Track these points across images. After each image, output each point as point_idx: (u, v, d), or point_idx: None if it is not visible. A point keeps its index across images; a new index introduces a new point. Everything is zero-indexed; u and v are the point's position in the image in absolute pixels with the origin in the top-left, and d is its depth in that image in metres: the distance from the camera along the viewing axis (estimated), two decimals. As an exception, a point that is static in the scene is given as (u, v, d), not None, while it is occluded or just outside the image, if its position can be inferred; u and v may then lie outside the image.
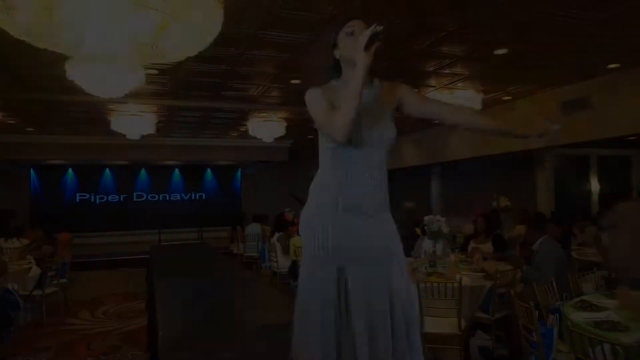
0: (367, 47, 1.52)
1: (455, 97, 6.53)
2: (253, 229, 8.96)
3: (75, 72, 3.05)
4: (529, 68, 5.48)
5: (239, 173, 15.26)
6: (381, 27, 1.51)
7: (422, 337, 3.49)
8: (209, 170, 14.78)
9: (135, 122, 7.72)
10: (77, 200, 13.63)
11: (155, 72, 5.30)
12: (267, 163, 12.89)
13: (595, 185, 10.11)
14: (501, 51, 4.81)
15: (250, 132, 8.95)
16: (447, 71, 5.54)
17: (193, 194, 14.65)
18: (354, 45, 1.54)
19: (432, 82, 6.02)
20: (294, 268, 6.27)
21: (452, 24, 4.08)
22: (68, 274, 6.45)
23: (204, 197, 14.75)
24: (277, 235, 7.29)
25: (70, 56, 3.05)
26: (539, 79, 5.97)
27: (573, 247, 5.78)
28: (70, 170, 13.50)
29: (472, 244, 5.48)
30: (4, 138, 9.31)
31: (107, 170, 13.79)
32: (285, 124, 8.65)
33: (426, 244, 5.07)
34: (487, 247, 5.24)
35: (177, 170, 14.43)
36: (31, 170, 13.15)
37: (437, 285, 3.50)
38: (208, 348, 2.29)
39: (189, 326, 2.69)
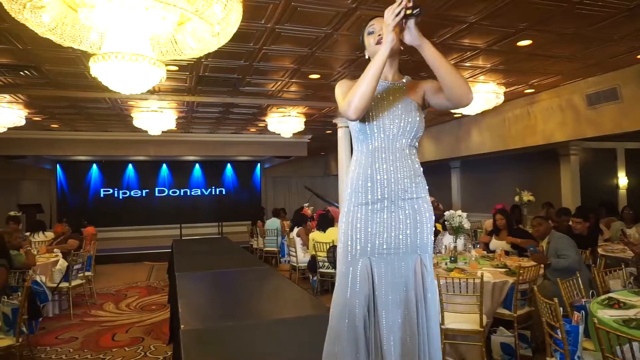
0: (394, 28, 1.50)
1: (475, 90, 6.43)
2: (272, 223, 9.02)
3: (98, 69, 3.10)
4: (553, 59, 5.33)
5: (258, 168, 15.38)
6: (417, 10, 1.46)
7: (442, 332, 3.49)
8: (228, 165, 14.94)
9: (156, 118, 7.83)
10: (102, 195, 13.96)
11: (175, 68, 5.37)
12: (286, 158, 12.93)
13: (622, 179, 9.84)
14: (524, 43, 4.69)
15: (269, 127, 8.98)
16: (467, 64, 5.44)
17: (213, 189, 14.84)
18: (385, 20, 1.52)
19: (453, 75, 5.92)
20: (313, 262, 6.29)
21: (474, 15, 4.00)
22: (93, 267, 6.61)
23: (224, 192, 14.93)
24: (296, 229, 7.32)
25: (93, 54, 3.10)
26: (564, 70, 5.81)
27: (600, 244, 5.63)
28: (94, 166, 13.83)
29: (493, 240, 5.39)
30: (31, 134, 9.56)
31: (130, 166, 14.07)
32: (304, 119, 8.65)
33: (447, 239, 5.02)
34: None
35: (197, 166, 14.63)
36: (57, 166, 13.50)
37: (458, 281, 3.46)
38: (229, 341, 2.32)
39: (210, 320, 2.72)
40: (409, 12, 1.47)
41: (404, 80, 1.78)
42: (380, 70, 1.52)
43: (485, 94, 6.34)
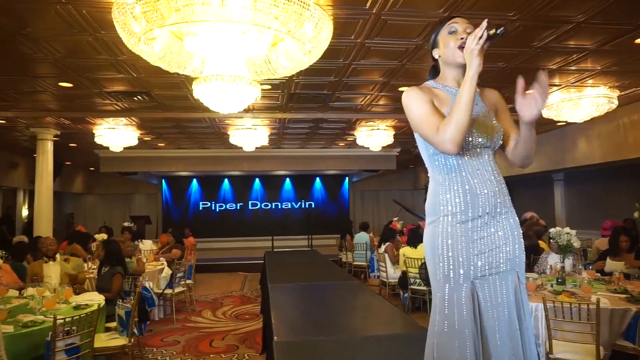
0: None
1: (582, 95, 5.87)
2: (361, 237, 8.96)
3: (200, 92, 3.34)
4: (679, 57, 4.70)
5: (346, 182, 15.49)
6: (501, 29, 1.41)
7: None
8: (317, 179, 15.23)
9: (250, 135, 8.25)
10: (200, 208, 14.98)
11: (268, 87, 5.61)
12: (374, 172, 12.86)
13: None
14: (643, 39, 4.20)
15: (357, 141, 9.01)
16: (573, 67, 4.99)
17: (303, 203, 15.21)
18: (468, 46, 1.46)
19: (556, 80, 5.47)
20: (404, 279, 6.12)
21: (581, 14, 3.66)
22: (193, 275, 7.06)
23: (313, 205, 15.22)
24: (385, 244, 7.20)
25: (195, 77, 3.34)
26: (694, 68, 5.09)
27: None
28: (194, 181, 14.91)
29: (608, 260, 4.83)
30: (142, 153, 10.62)
31: (226, 180, 14.96)
32: (392, 132, 8.55)
33: (552, 258, 4.60)
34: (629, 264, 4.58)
35: (287, 180, 15.12)
36: (163, 181, 14.78)
37: (569, 306, 3.13)
38: (321, 355, 2.31)
39: (303, 332, 2.74)
40: (492, 32, 1.42)
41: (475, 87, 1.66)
42: (473, 98, 1.44)
43: (595, 98, 5.76)
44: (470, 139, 1.54)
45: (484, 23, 1.43)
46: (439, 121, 1.48)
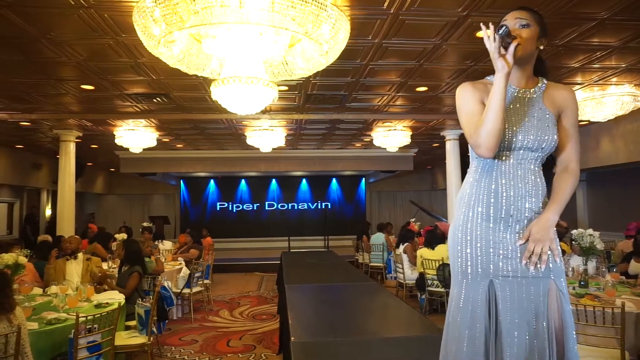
0: (503, 53, 1.42)
1: (606, 94, 5.73)
2: (377, 238, 8.92)
3: (218, 93, 3.36)
4: None
5: (362, 182, 15.45)
6: (503, 29, 1.41)
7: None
8: (334, 180, 15.23)
9: (267, 136, 8.28)
10: (218, 208, 15.12)
11: (285, 88, 5.63)
12: (391, 172, 12.79)
13: None
14: (671, 36, 4.08)
15: (374, 142, 8.97)
16: (597, 65, 4.88)
17: (319, 203, 15.22)
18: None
19: (578, 78, 5.36)
20: (421, 280, 6.07)
21: (605, 11, 3.58)
22: (211, 275, 7.12)
23: (329, 206, 15.23)
24: (402, 246, 7.15)
25: (213, 79, 3.37)
26: None
27: None
28: (212, 182, 15.05)
29: (632, 263, 4.71)
30: (161, 154, 10.76)
31: (243, 181, 15.07)
32: (410, 133, 8.49)
33: (574, 260, 4.51)
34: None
35: (304, 181, 15.16)
36: (181, 182, 14.97)
37: (592, 310, 3.06)
38: (338, 357, 2.30)
39: (320, 333, 2.73)
40: (501, 32, 1.42)
41: (540, 86, 1.59)
42: (501, 102, 1.42)
43: (620, 97, 5.62)
44: (513, 139, 1.50)
45: (497, 29, 1.44)
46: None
